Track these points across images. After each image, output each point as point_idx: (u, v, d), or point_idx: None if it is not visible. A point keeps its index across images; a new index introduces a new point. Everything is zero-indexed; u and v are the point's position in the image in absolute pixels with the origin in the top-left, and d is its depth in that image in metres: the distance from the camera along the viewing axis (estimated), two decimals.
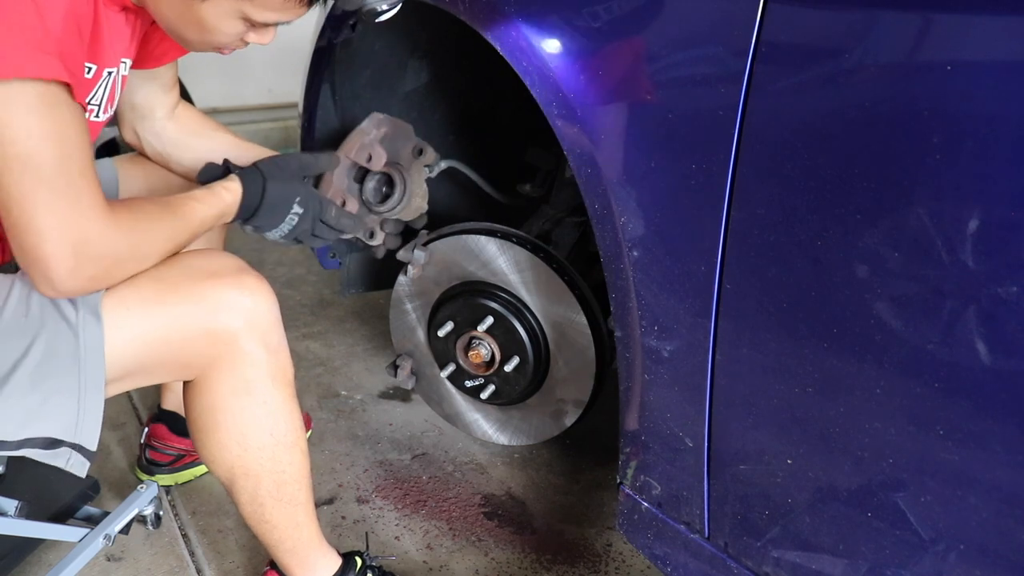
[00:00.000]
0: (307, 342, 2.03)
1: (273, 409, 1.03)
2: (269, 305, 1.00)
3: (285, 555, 1.13)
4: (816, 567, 0.86)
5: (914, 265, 0.71)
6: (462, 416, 1.54)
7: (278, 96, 3.52)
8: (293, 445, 1.06)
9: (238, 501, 1.08)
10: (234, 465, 1.04)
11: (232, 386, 0.99)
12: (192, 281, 0.95)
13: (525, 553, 1.38)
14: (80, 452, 0.92)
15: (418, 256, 1.38)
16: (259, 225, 1.13)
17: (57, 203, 0.80)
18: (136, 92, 1.22)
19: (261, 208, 1.11)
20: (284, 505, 1.08)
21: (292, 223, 1.15)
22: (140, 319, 0.92)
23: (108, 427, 1.64)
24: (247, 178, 1.10)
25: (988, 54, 0.65)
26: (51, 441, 0.90)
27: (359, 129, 1.31)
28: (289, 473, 1.07)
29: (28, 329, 0.88)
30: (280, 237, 1.17)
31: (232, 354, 0.98)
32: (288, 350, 1.05)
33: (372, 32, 1.44)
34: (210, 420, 1.02)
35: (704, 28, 0.83)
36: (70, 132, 0.81)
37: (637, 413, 1.01)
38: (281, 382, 1.03)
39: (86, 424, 0.91)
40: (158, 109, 1.25)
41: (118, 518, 1.21)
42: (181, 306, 0.94)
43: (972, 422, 0.70)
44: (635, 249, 0.93)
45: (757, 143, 0.79)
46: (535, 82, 0.99)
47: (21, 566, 1.27)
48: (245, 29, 0.97)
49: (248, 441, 1.02)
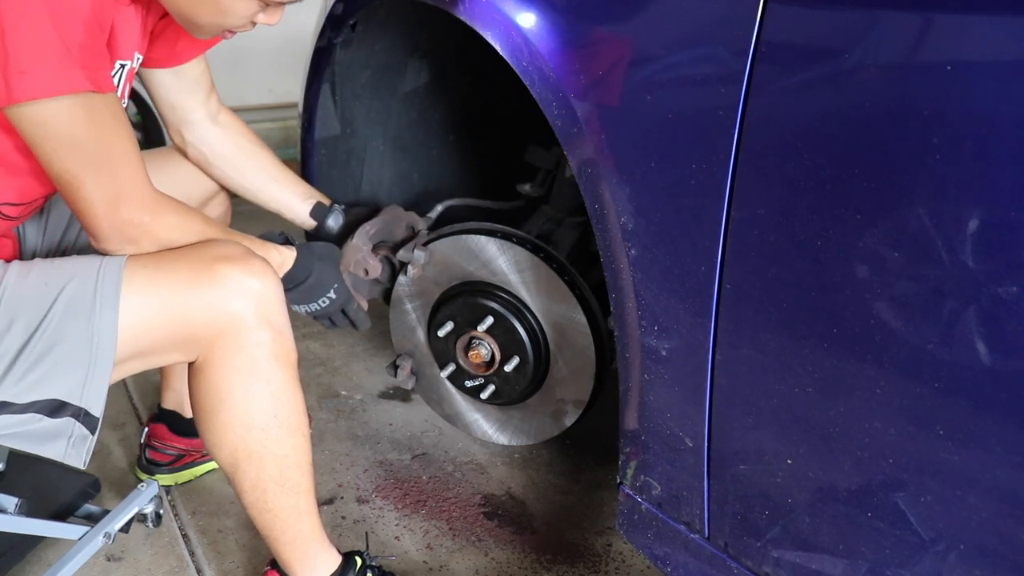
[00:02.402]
0: (307, 342, 2.03)
1: (277, 390, 1.04)
2: (275, 288, 1.03)
3: (286, 548, 1.13)
4: (816, 567, 0.86)
5: (914, 265, 0.71)
6: (462, 416, 1.54)
7: (278, 96, 3.52)
8: (296, 429, 1.07)
9: (240, 489, 1.08)
10: (238, 447, 1.04)
11: (238, 365, 1.01)
12: (202, 263, 0.99)
13: (525, 553, 1.38)
14: (83, 424, 0.95)
15: (418, 256, 1.38)
16: (294, 298, 1.25)
17: (100, 179, 0.93)
18: (171, 91, 1.25)
19: (304, 284, 1.23)
20: (287, 492, 1.08)
21: (322, 305, 1.28)
22: (153, 299, 0.96)
23: (108, 427, 1.64)
24: (301, 256, 1.22)
25: (988, 54, 0.65)
26: (57, 406, 0.93)
27: (352, 245, 1.39)
28: (292, 458, 1.07)
29: (47, 296, 0.93)
30: (305, 311, 1.30)
31: (238, 334, 1.00)
32: (292, 333, 1.07)
33: (372, 32, 1.44)
34: (216, 400, 1.03)
35: (704, 28, 0.83)
36: (106, 123, 0.92)
37: (637, 413, 1.01)
38: (285, 363, 1.05)
39: (92, 388, 0.94)
40: (198, 109, 1.29)
41: (118, 516, 1.21)
42: (191, 286, 0.97)
43: (972, 422, 0.70)
44: (635, 249, 0.93)
45: (757, 143, 0.79)
46: (535, 82, 0.99)
47: (20, 564, 1.27)
48: (257, 9, 0.98)
49: (252, 420, 1.03)
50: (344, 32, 1.39)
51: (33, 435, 0.94)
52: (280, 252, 1.19)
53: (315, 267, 1.24)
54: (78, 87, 0.87)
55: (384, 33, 1.47)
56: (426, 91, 1.63)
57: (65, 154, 0.90)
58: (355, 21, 1.38)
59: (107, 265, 0.96)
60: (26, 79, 0.84)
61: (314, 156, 1.56)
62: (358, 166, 1.64)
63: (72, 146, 0.90)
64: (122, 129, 0.95)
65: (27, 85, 0.84)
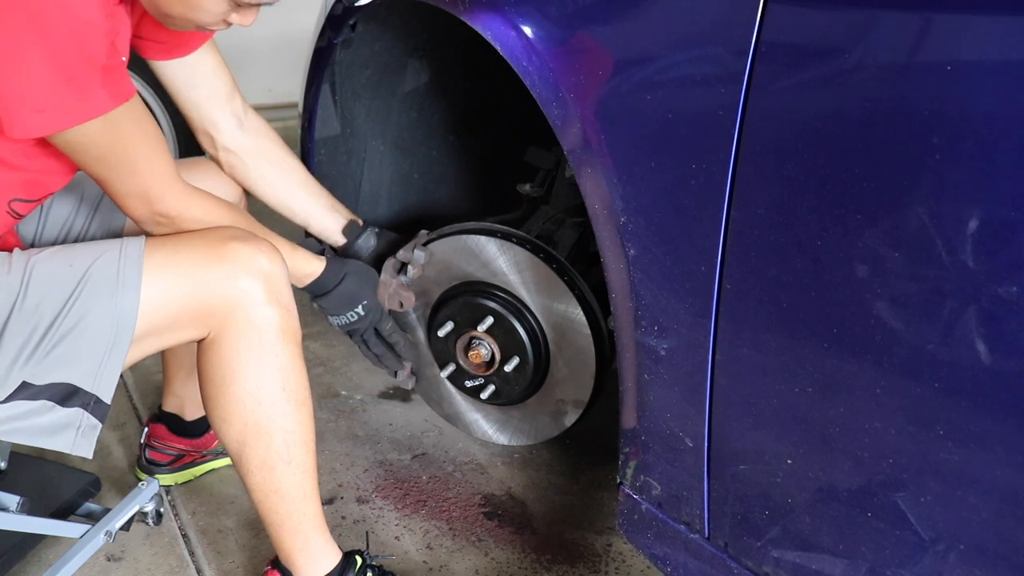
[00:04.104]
0: (307, 342, 2.03)
1: (285, 364, 1.07)
2: (282, 267, 1.08)
3: (289, 536, 1.13)
4: (816, 567, 0.86)
5: (914, 265, 0.71)
6: (462, 416, 1.54)
7: (278, 96, 3.51)
8: (303, 404, 1.10)
9: (247, 470, 1.09)
10: (247, 422, 1.06)
11: (248, 340, 1.04)
12: (215, 243, 1.04)
13: (525, 553, 1.38)
14: (92, 412, 0.98)
15: (418, 256, 1.38)
16: (324, 306, 1.32)
17: (127, 180, 1.00)
18: (184, 87, 1.24)
19: (332, 293, 1.29)
20: (293, 470, 1.10)
21: (351, 320, 1.33)
22: (168, 276, 1.01)
23: (108, 427, 1.64)
24: (332, 266, 1.28)
25: (988, 54, 0.65)
26: (69, 392, 0.97)
27: (381, 281, 1.40)
28: (299, 433, 1.10)
29: (72, 277, 0.98)
30: (338, 325, 1.35)
31: (248, 309, 1.04)
32: (297, 311, 1.10)
33: (372, 32, 1.44)
34: (227, 373, 1.06)
35: (704, 28, 0.83)
36: (127, 133, 0.96)
37: (637, 413, 1.01)
38: (292, 339, 1.08)
39: (106, 373, 0.98)
40: (221, 109, 1.28)
41: (119, 515, 1.21)
42: (206, 264, 1.02)
43: (972, 422, 0.70)
44: (634, 249, 0.93)
45: (757, 143, 0.79)
46: (535, 82, 0.99)
47: (21, 564, 1.27)
48: (229, 9, 0.97)
49: (262, 393, 1.06)
50: (344, 32, 1.39)
51: (43, 428, 0.97)
52: (310, 261, 1.26)
53: (346, 278, 1.29)
54: (98, 110, 0.90)
55: (384, 33, 1.47)
56: (426, 91, 1.63)
57: (91, 163, 0.97)
58: (355, 21, 1.37)
59: (128, 246, 1.01)
60: (44, 116, 0.87)
61: (314, 156, 1.56)
62: (358, 166, 1.64)
63: (96, 158, 0.96)
64: (143, 133, 0.99)
65: (45, 122, 0.88)
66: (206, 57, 1.23)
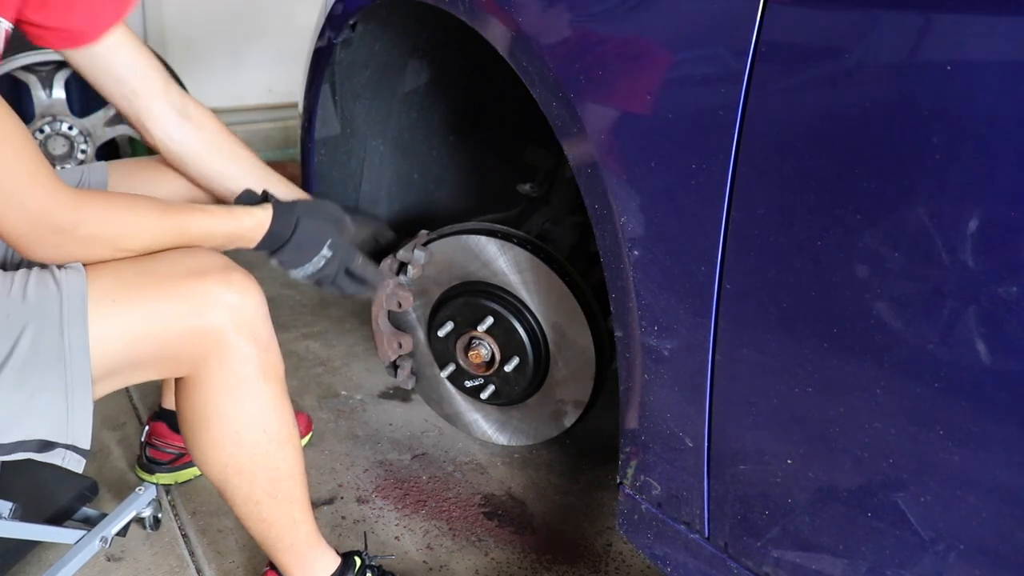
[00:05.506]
0: (307, 342, 2.03)
1: (265, 405, 1.02)
2: (257, 301, 0.99)
3: (283, 554, 1.13)
4: (816, 567, 0.86)
5: (914, 265, 0.71)
6: (462, 416, 1.54)
7: (278, 96, 3.51)
8: (286, 441, 1.05)
9: (232, 502, 1.07)
10: (227, 464, 1.03)
11: (223, 382, 0.99)
12: (178, 278, 0.95)
13: (525, 553, 1.38)
14: (75, 451, 0.92)
15: (418, 256, 1.38)
16: (284, 260, 1.16)
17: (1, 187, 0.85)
18: (112, 80, 1.14)
19: (290, 243, 1.14)
20: (280, 502, 1.08)
21: (318, 265, 1.18)
22: (126, 313, 0.92)
23: (108, 427, 1.64)
24: (280, 211, 1.13)
25: (988, 54, 0.65)
26: (44, 443, 0.90)
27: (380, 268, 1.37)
28: (283, 469, 1.06)
29: (16, 321, 0.87)
30: (304, 276, 1.20)
31: (221, 350, 0.97)
32: (278, 346, 1.04)
33: (372, 32, 1.44)
34: (202, 417, 1.01)
35: (704, 28, 0.83)
36: None
37: (637, 413, 1.01)
38: (272, 378, 1.02)
39: (76, 423, 0.91)
40: (156, 100, 1.17)
41: (115, 520, 1.21)
42: (167, 302, 0.93)
43: (972, 422, 0.70)
44: (635, 249, 0.93)
45: (757, 143, 0.79)
46: (535, 82, 0.99)
47: (20, 564, 1.27)
48: None
49: (241, 438, 1.02)
50: (344, 32, 1.39)
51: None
52: (251, 214, 1.10)
53: (301, 221, 1.14)
54: None
55: (384, 33, 1.47)
56: (426, 91, 1.63)
57: None
58: (355, 21, 1.37)
59: (68, 279, 0.90)
60: None
61: (314, 156, 1.56)
62: (358, 166, 1.64)
63: None
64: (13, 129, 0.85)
65: None
66: (121, 49, 1.12)
